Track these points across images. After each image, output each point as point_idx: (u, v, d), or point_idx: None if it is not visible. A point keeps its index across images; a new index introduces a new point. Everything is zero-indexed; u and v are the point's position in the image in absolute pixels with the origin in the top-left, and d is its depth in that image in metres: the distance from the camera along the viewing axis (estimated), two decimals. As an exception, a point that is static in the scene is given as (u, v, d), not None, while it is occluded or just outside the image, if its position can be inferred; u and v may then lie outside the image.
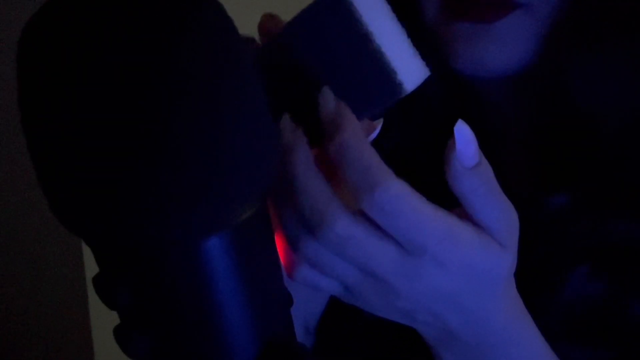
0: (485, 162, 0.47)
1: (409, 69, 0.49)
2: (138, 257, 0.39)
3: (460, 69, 0.59)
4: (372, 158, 0.46)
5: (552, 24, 0.58)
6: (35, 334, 1.63)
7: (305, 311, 0.62)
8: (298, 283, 0.48)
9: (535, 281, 0.52)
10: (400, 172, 0.46)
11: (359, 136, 0.46)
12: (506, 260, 0.48)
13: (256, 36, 0.53)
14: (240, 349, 0.40)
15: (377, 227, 0.46)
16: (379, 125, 0.50)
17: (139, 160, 0.36)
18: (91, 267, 0.54)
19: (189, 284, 0.39)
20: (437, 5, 0.59)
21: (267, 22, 0.51)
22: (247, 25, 0.48)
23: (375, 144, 0.48)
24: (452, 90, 0.66)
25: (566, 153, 0.62)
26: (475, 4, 0.57)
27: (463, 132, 0.46)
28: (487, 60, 0.58)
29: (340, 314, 0.65)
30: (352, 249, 0.46)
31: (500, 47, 0.58)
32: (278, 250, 0.48)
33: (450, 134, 0.47)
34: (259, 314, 0.41)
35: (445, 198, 0.47)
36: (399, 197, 0.45)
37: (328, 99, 0.47)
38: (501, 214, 0.47)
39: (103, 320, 1.49)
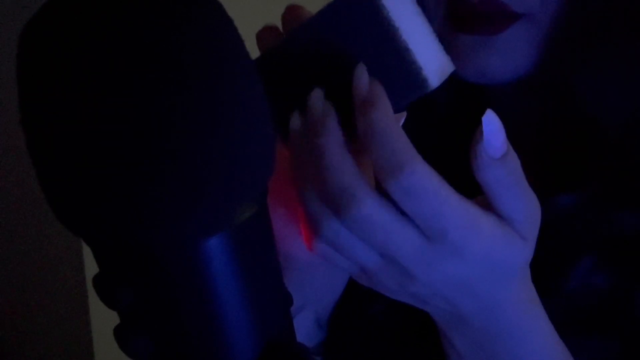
0: (512, 152, 0.46)
1: (435, 65, 0.49)
2: (138, 257, 0.39)
3: (465, 78, 0.59)
4: (401, 139, 0.45)
5: (553, 31, 0.58)
6: (35, 334, 1.63)
7: (317, 304, 0.62)
8: (317, 258, 0.49)
9: (540, 272, 0.52)
10: None
11: (389, 116, 0.46)
12: (525, 252, 0.48)
13: (254, 36, 0.53)
14: (240, 349, 0.40)
15: (401, 211, 0.46)
16: (402, 117, 0.50)
17: (138, 161, 0.36)
18: (91, 267, 0.54)
19: (188, 284, 0.39)
20: (441, 18, 0.60)
21: (294, 11, 0.52)
22: (247, 25, 0.48)
23: None
24: (459, 95, 0.67)
25: (572, 154, 0.62)
26: (478, 17, 0.58)
27: (491, 121, 0.46)
28: (491, 70, 0.59)
29: (352, 309, 0.65)
30: (376, 233, 0.46)
31: (504, 58, 0.58)
32: (300, 221, 0.48)
33: (457, 138, 0.47)
34: (259, 314, 0.41)
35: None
36: (424, 180, 0.45)
37: (362, 75, 0.47)
38: (525, 205, 0.47)
39: (103, 320, 1.50)
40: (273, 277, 0.43)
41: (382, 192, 0.47)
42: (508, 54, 0.58)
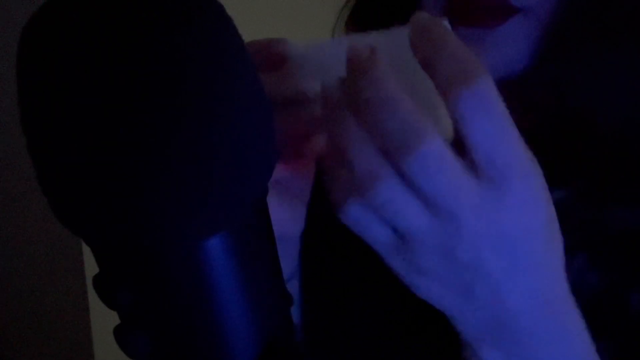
0: None
1: None
2: (138, 258, 0.39)
3: None
4: (469, 51, 0.46)
5: (551, 26, 0.58)
6: (35, 334, 1.63)
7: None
8: (347, 224, 0.47)
9: None
10: None
11: (453, 33, 0.46)
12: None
13: (254, 36, 0.53)
14: (240, 349, 0.40)
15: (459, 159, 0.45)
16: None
17: (138, 162, 0.36)
18: (91, 267, 0.54)
19: (188, 284, 0.39)
20: (439, 11, 0.60)
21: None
22: (247, 25, 0.48)
23: None
24: None
25: (565, 151, 0.62)
26: (476, 9, 0.58)
27: None
28: (488, 65, 0.58)
29: (337, 306, 0.65)
30: (437, 177, 0.44)
31: (501, 52, 0.58)
32: (328, 186, 0.47)
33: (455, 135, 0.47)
34: (259, 314, 0.41)
35: None
36: (495, 94, 0.45)
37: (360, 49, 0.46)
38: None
39: (103, 320, 1.50)
40: (273, 277, 0.43)
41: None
42: (505, 48, 0.58)
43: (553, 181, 0.62)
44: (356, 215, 0.47)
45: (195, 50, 0.36)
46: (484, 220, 0.45)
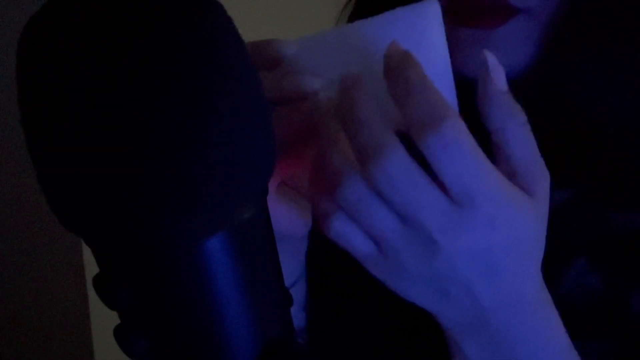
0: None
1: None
2: (138, 257, 0.39)
3: (464, 73, 0.59)
4: (439, 94, 0.46)
5: (552, 27, 0.58)
6: (35, 334, 1.63)
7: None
8: (331, 237, 0.49)
9: None
10: None
11: (425, 75, 0.47)
12: (537, 210, 0.49)
13: (254, 36, 0.53)
14: (240, 349, 0.40)
15: (430, 173, 0.46)
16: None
17: (138, 161, 0.36)
18: (91, 267, 0.54)
19: (188, 284, 0.39)
20: (442, 11, 0.60)
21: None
22: (247, 25, 0.48)
23: None
24: (458, 91, 0.67)
25: (567, 151, 0.62)
26: (477, 10, 0.58)
27: (492, 56, 0.49)
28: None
29: (333, 314, 0.65)
30: (402, 188, 0.46)
31: (502, 52, 0.58)
32: (313, 203, 0.49)
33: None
34: (259, 314, 0.41)
35: None
36: (463, 136, 0.46)
37: (397, 45, 0.49)
38: (533, 156, 0.49)
39: (103, 320, 1.50)
40: (273, 277, 0.43)
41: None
42: (507, 49, 0.59)
43: (554, 182, 0.62)
44: (339, 227, 0.49)
45: (195, 50, 0.36)
46: (456, 236, 0.47)
